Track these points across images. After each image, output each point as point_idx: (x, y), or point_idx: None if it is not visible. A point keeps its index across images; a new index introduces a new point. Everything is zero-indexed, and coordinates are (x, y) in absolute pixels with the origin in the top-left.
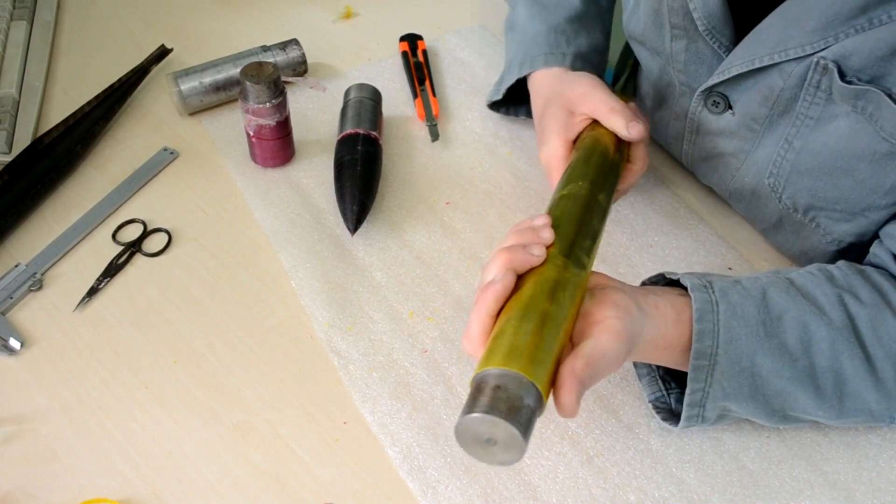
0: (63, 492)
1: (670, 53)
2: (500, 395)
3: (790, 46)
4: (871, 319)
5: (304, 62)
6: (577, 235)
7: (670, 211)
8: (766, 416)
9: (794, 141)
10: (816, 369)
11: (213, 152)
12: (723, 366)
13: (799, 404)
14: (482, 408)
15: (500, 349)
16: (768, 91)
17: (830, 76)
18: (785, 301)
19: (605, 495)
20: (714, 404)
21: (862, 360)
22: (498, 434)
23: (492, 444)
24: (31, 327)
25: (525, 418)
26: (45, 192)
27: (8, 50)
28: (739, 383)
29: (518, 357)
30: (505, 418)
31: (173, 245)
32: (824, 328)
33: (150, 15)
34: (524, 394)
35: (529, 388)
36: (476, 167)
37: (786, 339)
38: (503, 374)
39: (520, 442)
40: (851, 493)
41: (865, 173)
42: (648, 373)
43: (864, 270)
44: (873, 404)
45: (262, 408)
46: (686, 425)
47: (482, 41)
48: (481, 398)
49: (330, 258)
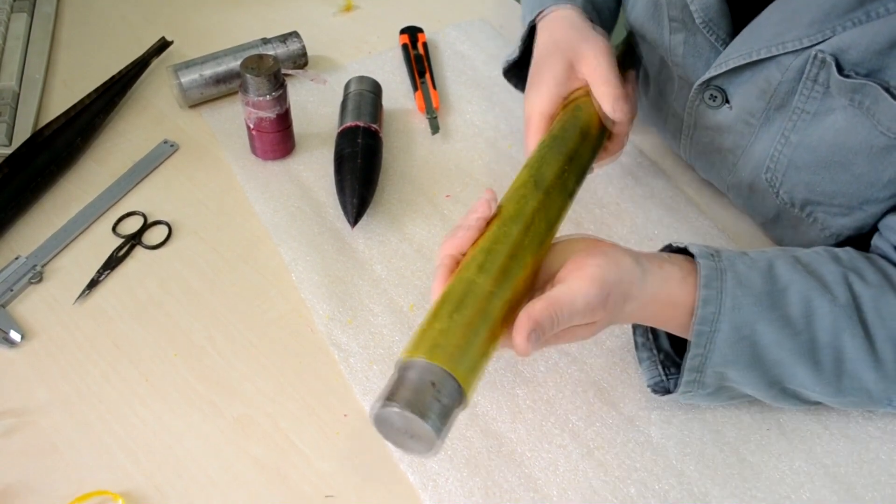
0: (63, 485)
1: (669, 46)
2: (418, 389)
3: (788, 39)
4: (875, 300)
5: (305, 55)
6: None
7: (670, 204)
8: (764, 387)
9: (790, 136)
10: (817, 344)
11: (213, 145)
12: (725, 332)
13: (797, 378)
14: (400, 402)
15: (426, 339)
16: (766, 84)
17: (828, 70)
18: (790, 274)
19: (605, 488)
20: (713, 370)
21: (863, 339)
22: (414, 429)
23: (408, 436)
24: (31, 320)
25: (438, 413)
26: (46, 184)
27: (8, 42)
28: (740, 351)
29: (441, 350)
30: (421, 416)
31: (173, 238)
32: (827, 304)
33: (150, 7)
34: (443, 388)
35: (449, 382)
36: (476, 160)
37: (789, 312)
38: (426, 366)
39: (433, 438)
40: (851, 485)
41: (863, 167)
42: (649, 357)
43: (870, 256)
44: (871, 385)
45: (263, 401)
46: (684, 391)
47: (482, 34)
48: (401, 391)
49: (330, 251)
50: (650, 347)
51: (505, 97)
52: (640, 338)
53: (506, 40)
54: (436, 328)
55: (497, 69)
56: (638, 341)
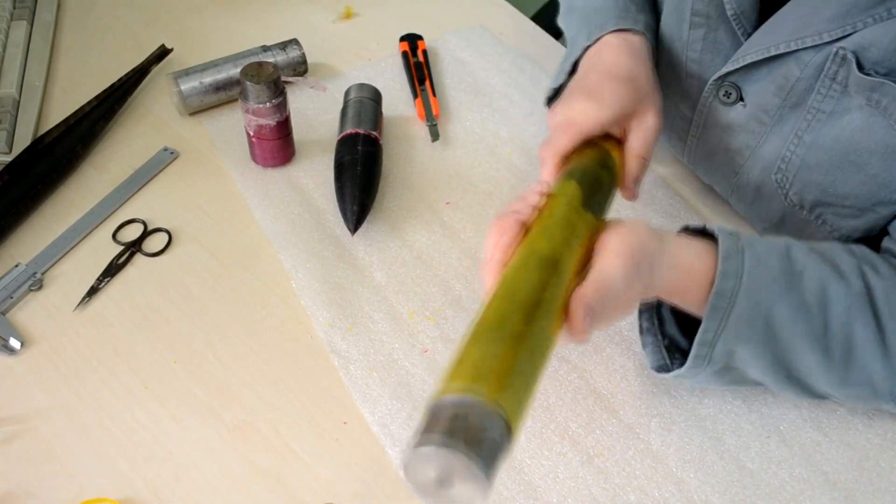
0: (63, 491)
1: (687, 41)
2: (457, 426)
3: (807, 34)
4: (888, 293)
5: (305, 62)
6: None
7: (671, 211)
8: (771, 370)
9: (804, 135)
10: (830, 330)
11: (213, 152)
12: (741, 308)
13: (805, 362)
14: (436, 439)
15: (463, 370)
16: (783, 81)
17: (848, 67)
18: (807, 259)
19: (605, 495)
20: (724, 347)
21: (874, 329)
22: (455, 470)
23: (447, 487)
24: (31, 327)
25: (488, 451)
26: (46, 191)
27: (8, 50)
28: (754, 328)
29: (484, 380)
30: (465, 452)
31: (173, 245)
32: (842, 291)
33: (150, 15)
34: (487, 424)
35: (494, 416)
36: (476, 167)
37: (805, 295)
38: (463, 400)
39: (481, 479)
40: (851, 493)
41: (877, 168)
42: (653, 342)
43: (881, 254)
44: (877, 377)
45: (263, 407)
46: (692, 365)
47: (482, 41)
48: (436, 428)
49: (330, 258)
50: (655, 333)
51: (505, 104)
52: (645, 322)
53: (505, 47)
54: (476, 353)
55: (497, 76)
56: (643, 325)
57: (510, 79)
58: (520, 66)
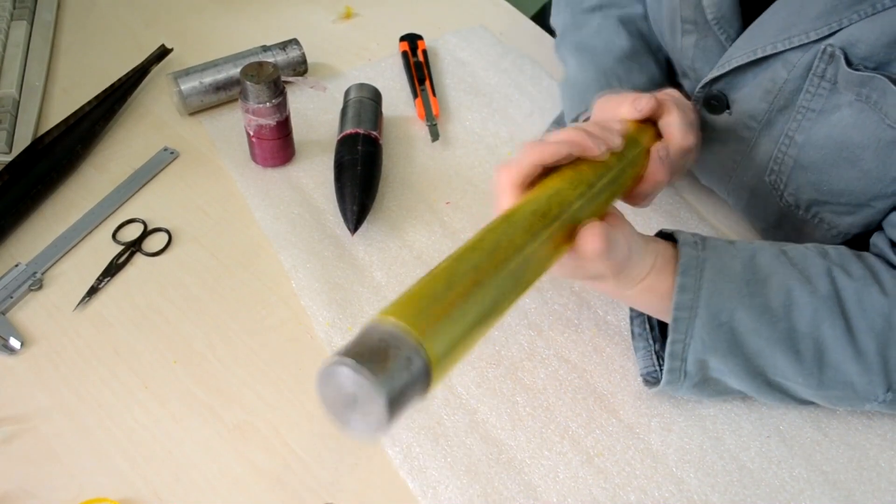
0: (63, 491)
1: (680, 49)
2: (376, 353)
3: (794, 34)
4: (858, 292)
5: (305, 62)
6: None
7: (671, 211)
8: (748, 378)
9: (795, 136)
10: (796, 333)
11: (213, 152)
12: (703, 318)
13: (778, 367)
14: (349, 361)
15: (406, 304)
16: (770, 84)
17: (837, 63)
18: (773, 265)
19: (605, 495)
20: (695, 358)
21: (843, 330)
22: (359, 396)
23: (350, 411)
24: (31, 327)
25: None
26: (46, 191)
27: (8, 50)
28: (719, 338)
29: (418, 319)
30: (371, 379)
31: (173, 245)
32: (807, 295)
33: (150, 15)
34: (404, 362)
35: (415, 357)
36: (476, 167)
37: (769, 301)
38: (391, 332)
39: (381, 411)
40: (851, 493)
41: (871, 162)
42: (644, 347)
43: (861, 253)
44: (854, 377)
45: (263, 407)
46: (668, 379)
47: (482, 41)
48: (355, 349)
49: (330, 258)
50: (646, 338)
51: (505, 104)
52: (637, 328)
53: (505, 47)
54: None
55: (497, 76)
56: (635, 331)
57: (510, 79)
58: (520, 66)
